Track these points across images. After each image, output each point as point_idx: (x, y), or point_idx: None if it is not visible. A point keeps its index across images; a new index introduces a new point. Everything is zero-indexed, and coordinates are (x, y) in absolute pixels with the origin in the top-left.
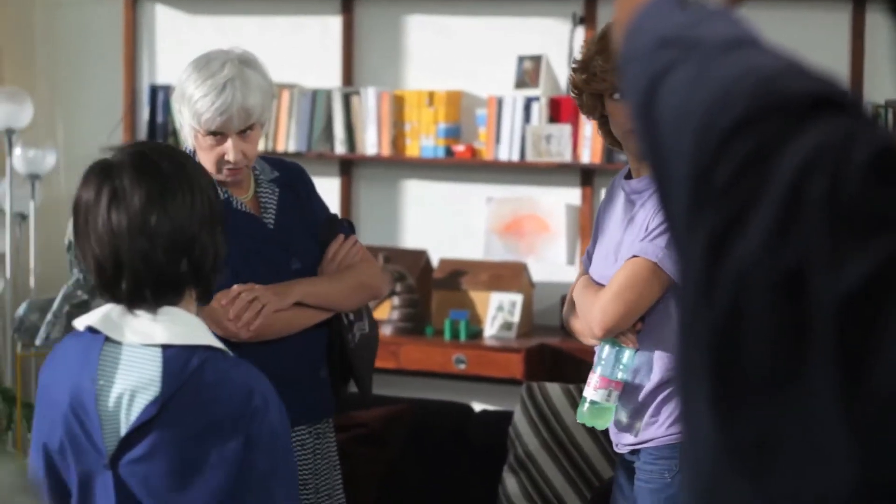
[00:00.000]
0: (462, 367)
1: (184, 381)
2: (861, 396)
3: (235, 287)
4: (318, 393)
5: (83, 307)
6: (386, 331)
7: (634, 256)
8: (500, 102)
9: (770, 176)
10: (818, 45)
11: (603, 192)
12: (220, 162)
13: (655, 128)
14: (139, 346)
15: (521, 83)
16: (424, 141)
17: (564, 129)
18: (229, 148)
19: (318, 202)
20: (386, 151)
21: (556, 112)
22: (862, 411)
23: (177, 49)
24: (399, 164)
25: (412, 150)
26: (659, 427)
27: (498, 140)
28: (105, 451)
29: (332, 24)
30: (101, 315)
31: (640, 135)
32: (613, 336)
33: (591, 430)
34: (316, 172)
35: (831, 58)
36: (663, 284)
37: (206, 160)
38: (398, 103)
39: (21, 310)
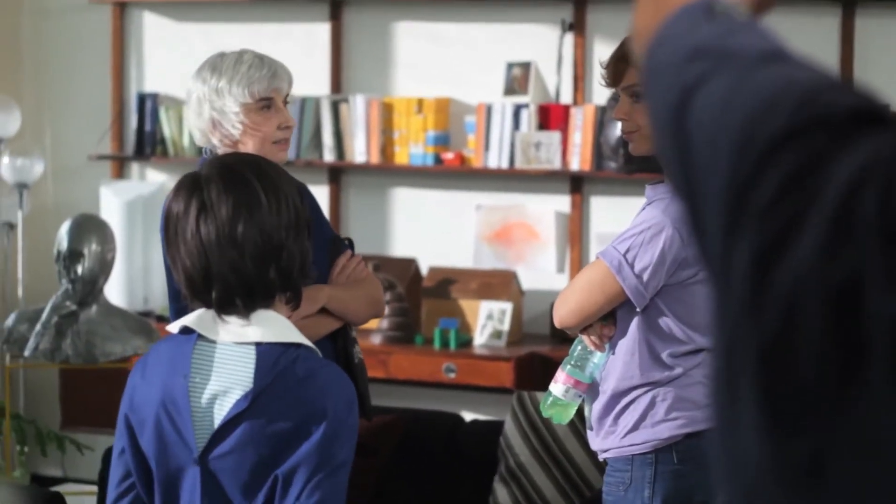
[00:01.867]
0: (452, 376)
1: (276, 374)
2: None
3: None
4: None
5: (72, 317)
6: (375, 340)
7: (598, 258)
8: (489, 109)
9: (819, 191)
10: (808, 50)
11: (592, 200)
12: (275, 134)
13: (687, 141)
14: (232, 345)
15: (510, 90)
16: (413, 148)
17: (554, 137)
18: (283, 113)
19: (324, 219)
20: (375, 159)
21: (546, 119)
22: None
23: (164, 57)
24: (388, 172)
25: (401, 157)
26: (616, 437)
27: (487, 147)
28: (195, 446)
29: (321, 32)
30: (195, 316)
31: (667, 148)
32: (571, 331)
33: (582, 440)
34: (305, 180)
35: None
36: (617, 291)
37: (261, 136)
38: (387, 111)
39: (9, 321)
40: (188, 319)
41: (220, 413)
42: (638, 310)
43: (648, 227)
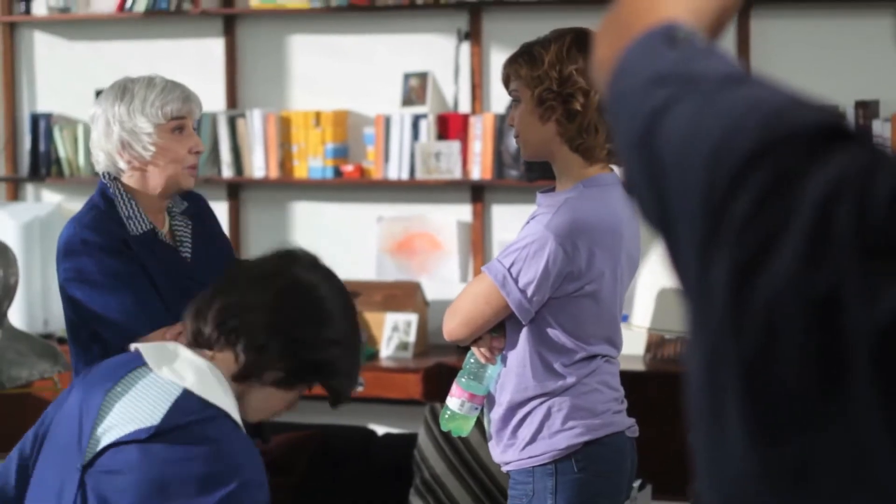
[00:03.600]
0: (360, 389)
1: (186, 423)
2: None
3: (179, 324)
4: None
5: None
6: None
7: (483, 271)
8: (387, 121)
9: (794, 206)
10: None
11: (494, 208)
12: (187, 158)
13: (657, 166)
14: (163, 379)
15: (407, 101)
16: (312, 162)
17: (453, 146)
18: (194, 138)
19: (224, 237)
20: (274, 174)
21: (445, 129)
22: None
23: (57, 76)
24: (287, 187)
25: (300, 171)
26: (515, 450)
27: (387, 159)
28: (85, 452)
29: (215, 47)
30: (157, 345)
31: (636, 174)
32: (462, 343)
33: None
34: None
35: None
36: (503, 304)
37: (174, 157)
38: (284, 125)
39: None
40: (147, 345)
41: (120, 432)
42: (524, 323)
43: (532, 241)
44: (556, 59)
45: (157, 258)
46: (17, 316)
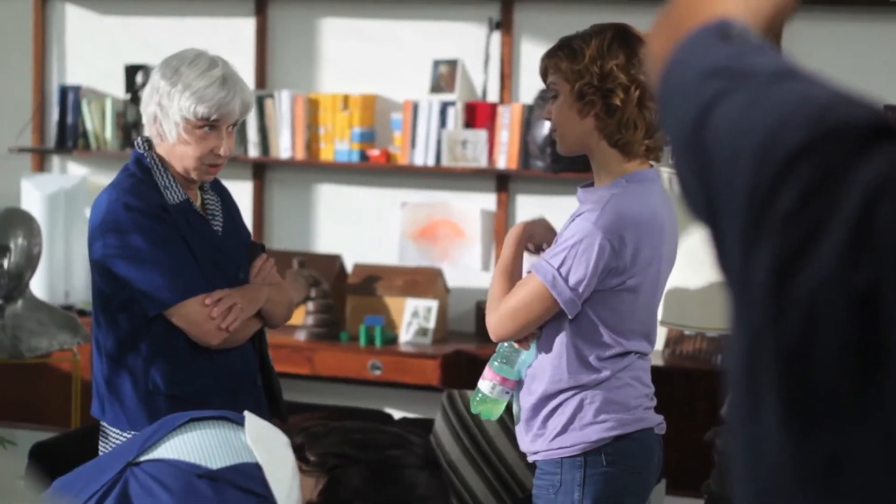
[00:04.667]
0: (377, 373)
1: (234, 484)
2: None
3: (218, 291)
4: (258, 400)
5: None
6: (300, 336)
7: (531, 272)
8: (415, 107)
9: (838, 201)
10: None
11: (518, 198)
12: (206, 157)
13: (706, 155)
14: (247, 446)
15: (436, 87)
16: (339, 145)
17: (480, 135)
18: (222, 141)
19: (243, 223)
20: (300, 155)
21: (472, 117)
22: None
23: (87, 50)
24: (313, 168)
25: (326, 153)
26: (545, 440)
27: (413, 145)
28: (139, 451)
29: (246, 27)
30: (268, 424)
31: (685, 165)
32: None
33: (514, 439)
34: (229, 176)
35: None
36: (554, 302)
37: (192, 154)
38: (312, 107)
39: None
40: (253, 417)
41: (180, 456)
42: (570, 318)
43: (580, 239)
44: (597, 54)
45: (193, 228)
46: (38, 287)
